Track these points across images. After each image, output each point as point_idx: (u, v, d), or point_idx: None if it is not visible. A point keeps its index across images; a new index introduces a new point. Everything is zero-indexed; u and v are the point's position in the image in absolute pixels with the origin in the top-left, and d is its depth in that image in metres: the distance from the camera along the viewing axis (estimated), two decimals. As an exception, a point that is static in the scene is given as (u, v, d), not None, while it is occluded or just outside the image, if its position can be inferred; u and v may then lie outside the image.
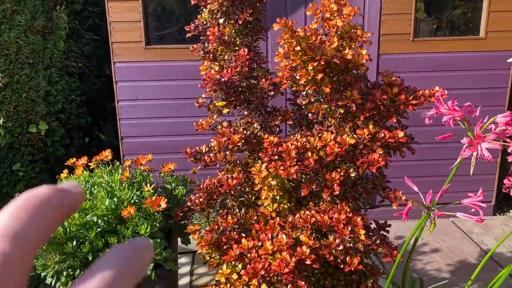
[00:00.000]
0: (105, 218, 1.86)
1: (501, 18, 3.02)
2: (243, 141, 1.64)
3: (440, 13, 3.31)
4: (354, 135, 1.59)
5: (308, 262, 1.50)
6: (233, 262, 1.57)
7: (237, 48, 1.68)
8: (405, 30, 3.01)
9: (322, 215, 1.56)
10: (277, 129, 1.78)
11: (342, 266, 1.57)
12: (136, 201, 1.94)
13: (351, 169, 1.60)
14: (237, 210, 1.76)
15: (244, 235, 1.66)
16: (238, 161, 1.76)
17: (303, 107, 1.70)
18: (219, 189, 1.67)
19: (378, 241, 1.64)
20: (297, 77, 1.52)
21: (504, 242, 2.82)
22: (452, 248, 2.83)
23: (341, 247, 1.54)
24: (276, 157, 1.54)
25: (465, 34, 3.15)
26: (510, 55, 3.06)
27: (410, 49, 3.05)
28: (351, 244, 1.55)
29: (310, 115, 1.68)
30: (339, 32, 1.54)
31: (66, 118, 3.46)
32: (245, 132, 1.67)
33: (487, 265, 1.40)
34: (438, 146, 3.06)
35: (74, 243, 1.79)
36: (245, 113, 1.73)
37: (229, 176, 1.68)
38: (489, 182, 3.23)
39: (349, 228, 1.53)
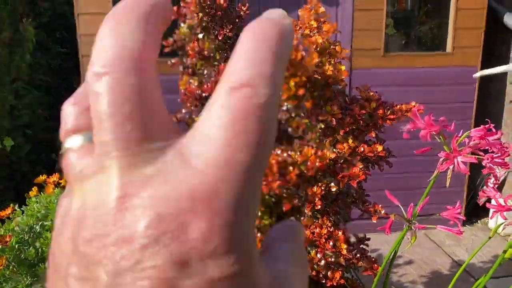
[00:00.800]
0: (79, 237, 1.80)
1: (467, 34, 3.13)
2: (223, 157, 1.63)
3: (409, 29, 3.42)
4: (334, 150, 1.61)
5: (290, 278, 1.49)
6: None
7: (216, 63, 1.67)
8: (376, 46, 3.08)
9: (304, 230, 1.56)
10: (257, 144, 1.78)
11: (324, 281, 1.57)
12: (111, 219, 1.88)
13: (332, 183, 1.60)
14: (217, 227, 1.73)
15: (224, 252, 1.64)
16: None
17: (283, 121, 1.70)
18: (199, 205, 1.65)
19: (358, 255, 1.65)
20: (278, 92, 1.52)
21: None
22: (425, 260, 2.88)
23: (323, 262, 1.54)
24: (258, 172, 1.53)
25: (433, 50, 3.25)
26: (476, 70, 3.18)
27: (381, 64, 3.12)
28: (333, 259, 1.55)
29: (290, 129, 1.68)
30: (318, 49, 1.56)
31: (33, 133, 3.35)
32: (225, 147, 1.66)
33: (460, 276, 1.43)
34: (409, 159, 3.12)
35: (47, 264, 1.72)
36: (225, 128, 1.72)
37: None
38: (458, 194, 3.31)
39: (331, 243, 1.53)
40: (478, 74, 3.17)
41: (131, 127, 0.17)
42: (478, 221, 3.49)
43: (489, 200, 1.35)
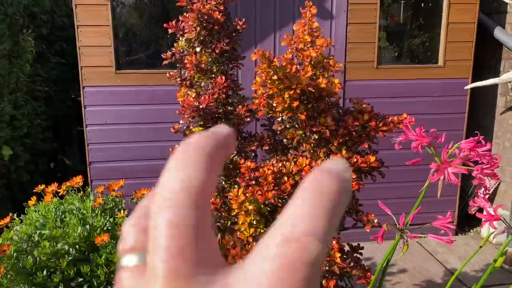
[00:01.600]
0: (77, 246, 1.82)
1: (458, 48, 3.20)
2: (220, 167, 1.66)
3: (401, 42, 3.49)
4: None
5: (285, 286, 1.52)
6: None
7: (213, 75, 1.71)
8: (369, 58, 3.14)
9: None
10: (252, 154, 1.82)
11: (318, 289, 1.60)
12: (109, 228, 1.91)
13: (326, 193, 1.64)
14: (213, 235, 1.76)
15: (220, 260, 1.66)
16: (214, 187, 1.78)
17: (278, 132, 1.75)
18: (196, 214, 1.68)
19: (352, 264, 1.69)
20: (274, 105, 1.57)
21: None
22: (418, 268, 2.91)
23: (317, 270, 1.57)
24: (254, 182, 1.57)
25: (425, 62, 3.32)
26: (467, 83, 3.25)
27: (374, 76, 3.18)
28: (327, 267, 1.59)
29: (285, 140, 1.73)
30: (312, 62, 1.61)
31: (31, 143, 3.38)
32: (221, 157, 1.69)
33: (452, 284, 1.46)
34: (403, 169, 3.17)
35: (45, 273, 1.74)
36: (221, 139, 1.76)
37: (206, 201, 1.69)
38: (450, 203, 3.36)
39: (325, 251, 1.57)
40: (470, 86, 3.24)
41: (183, 261, 0.19)
42: (471, 230, 3.53)
43: (480, 209, 1.39)
